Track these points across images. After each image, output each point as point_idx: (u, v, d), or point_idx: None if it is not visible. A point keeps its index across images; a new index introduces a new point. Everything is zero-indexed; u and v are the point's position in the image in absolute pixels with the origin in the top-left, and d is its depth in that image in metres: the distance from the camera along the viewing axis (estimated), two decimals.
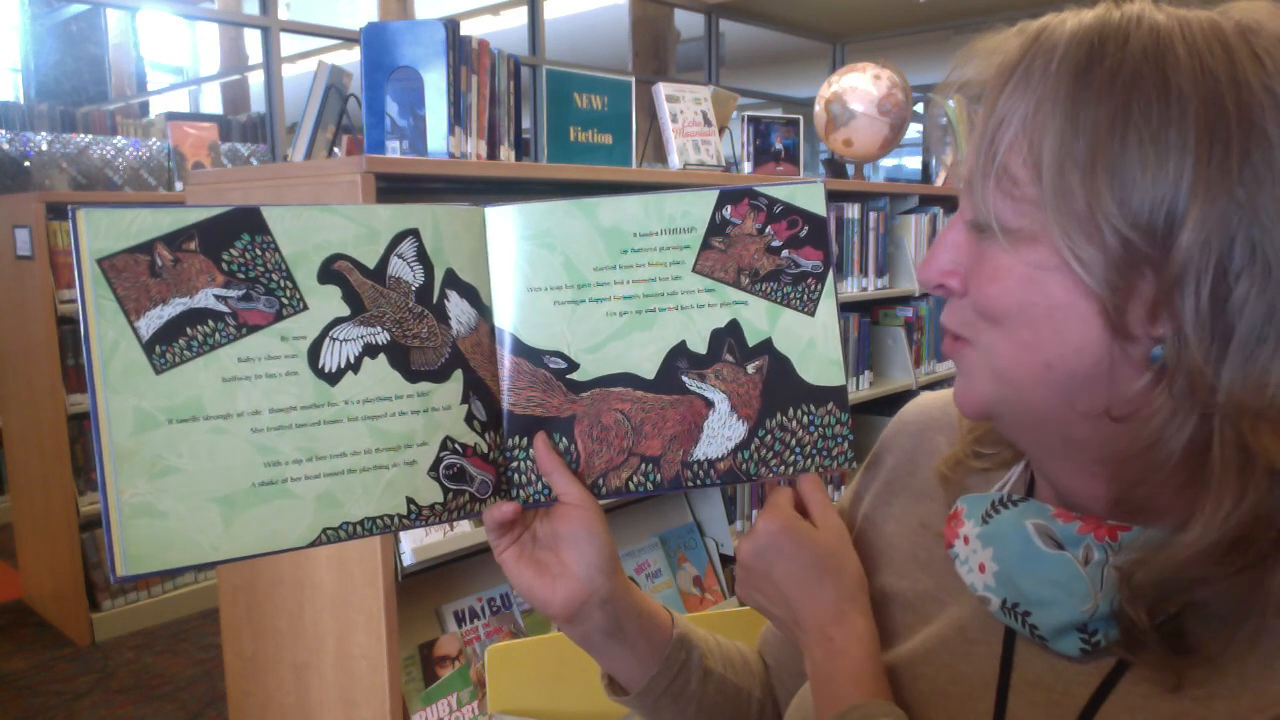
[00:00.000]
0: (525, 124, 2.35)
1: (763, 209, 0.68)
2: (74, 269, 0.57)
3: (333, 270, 0.62)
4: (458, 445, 0.65)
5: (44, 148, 3.78)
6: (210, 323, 0.59)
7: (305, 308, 0.62)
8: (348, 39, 4.71)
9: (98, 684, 3.06)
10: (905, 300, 3.43)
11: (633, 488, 0.68)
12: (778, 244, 0.68)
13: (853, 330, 3.13)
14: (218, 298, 0.60)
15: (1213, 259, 0.48)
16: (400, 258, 0.64)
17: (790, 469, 0.68)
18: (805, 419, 0.68)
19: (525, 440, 0.67)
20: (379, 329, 0.63)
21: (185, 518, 0.58)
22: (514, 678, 1.24)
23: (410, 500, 0.64)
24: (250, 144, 4.49)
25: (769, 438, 0.68)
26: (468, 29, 2.09)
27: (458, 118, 2.04)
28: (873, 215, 3.20)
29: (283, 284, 0.61)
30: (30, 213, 3.18)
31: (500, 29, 9.30)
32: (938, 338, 3.49)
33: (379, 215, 0.64)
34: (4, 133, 3.82)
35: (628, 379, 0.68)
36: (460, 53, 2.04)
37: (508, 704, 1.23)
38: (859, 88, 3.20)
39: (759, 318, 0.68)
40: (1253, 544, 0.50)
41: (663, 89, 2.76)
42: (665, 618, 0.76)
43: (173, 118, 4.26)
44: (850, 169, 3.49)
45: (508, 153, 2.23)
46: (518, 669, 1.24)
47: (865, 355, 3.22)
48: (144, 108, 8.58)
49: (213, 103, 10.06)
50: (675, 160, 2.72)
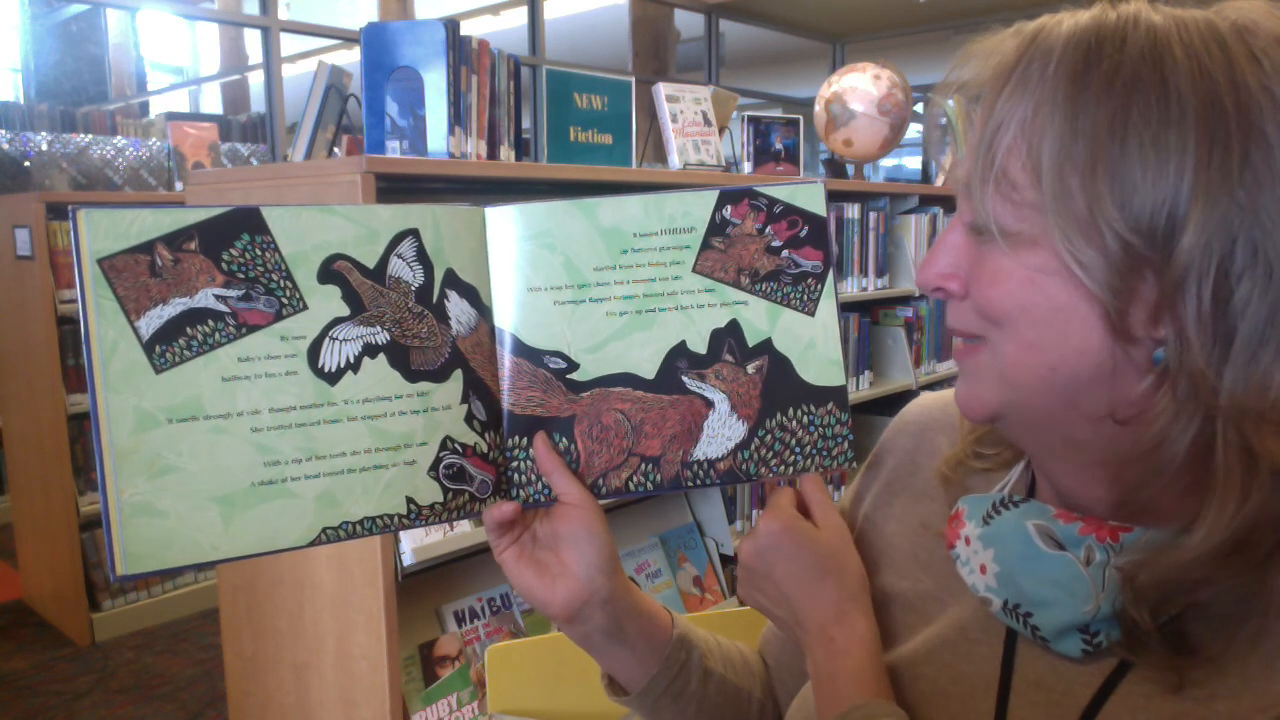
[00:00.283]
0: (525, 124, 2.35)
1: (763, 209, 0.68)
2: (74, 269, 0.57)
3: (332, 270, 0.62)
4: (457, 445, 0.65)
5: (44, 148, 3.78)
6: (210, 322, 0.59)
7: (305, 307, 0.62)
8: (348, 39, 4.70)
9: (98, 684, 3.06)
10: (905, 300, 3.43)
11: (633, 488, 0.68)
12: (778, 244, 0.68)
13: (853, 330, 3.12)
14: (218, 297, 0.60)
15: (1214, 261, 0.48)
16: (400, 258, 0.64)
17: (790, 469, 0.68)
18: (805, 419, 0.68)
19: (525, 440, 0.67)
20: (379, 329, 0.63)
21: (185, 517, 0.58)
22: (514, 678, 1.24)
23: (410, 500, 0.64)
24: (250, 144, 4.49)
25: (769, 438, 0.68)
26: (468, 29, 2.09)
27: (458, 118, 2.04)
28: (873, 215, 3.20)
29: (282, 284, 0.61)
30: (30, 213, 3.18)
31: (500, 29, 9.30)
32: (938, 338, 3.49)
33: (379, 215, 0.64)
34: (4, 133, 3.82)
35: (628, 379, 0.68)
36: (460, 53, 2.04)
37: (508, 704, 1.23)
38: (859, 88, 3.20)
39: (759, 318, 0.68)
40: (1256, 545, 0.50)
41: (663, 89, 2.76)
42: (665, 618, 0.76)
43: (173, 118, 4.26)
44: (850, 169, 3.48)
45: (508, 153, 2.23)
46: (518, 669, 1.24)
47: (865, 355, 3.21)
48: (144, 108, 8.58)
49: (213, 103, 10.06)
50: (675, 160, 2.72)
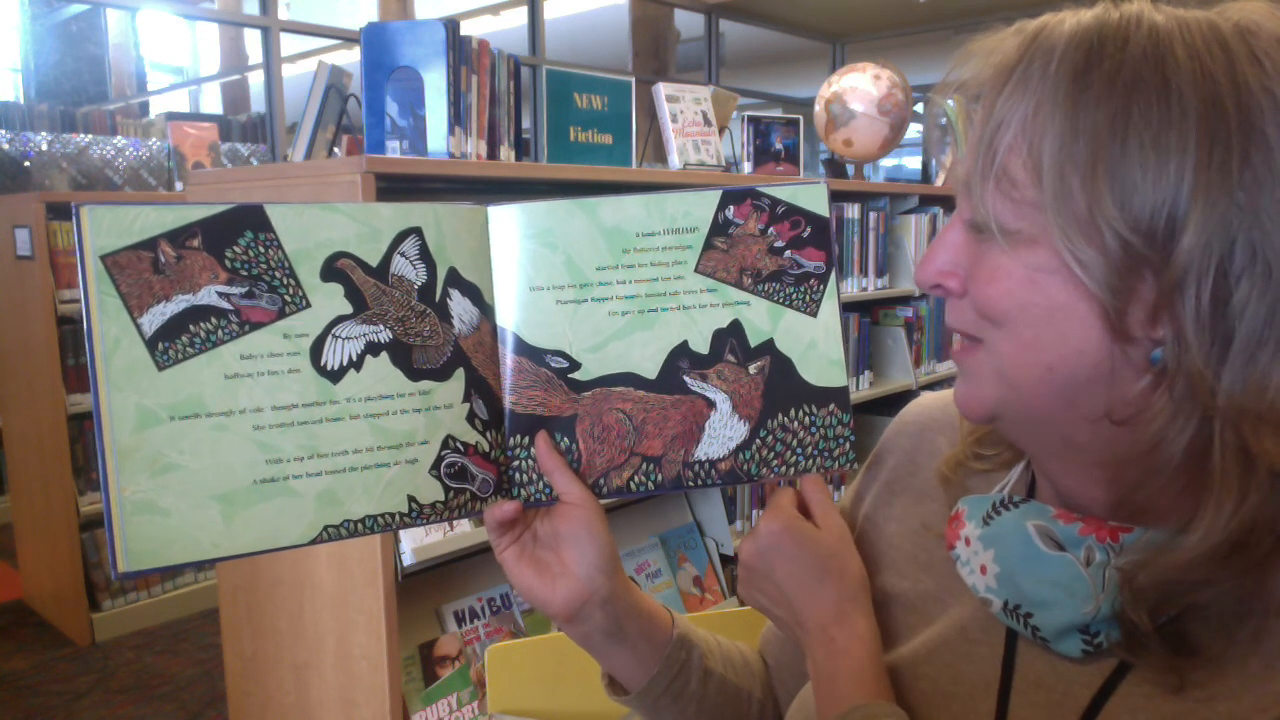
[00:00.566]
0: (525, 124, 2.35)
1: (765, 209, 0.68)
2: (77, 266, 0.57)
3: (335, 268, 0.62)
4: (459, 444, 0.65)
5: (44, 148, 3.78)
6: (213, 320, 0.59)
7: (308, 305, 0.62)
8: (348, 39, 4.70)
9: (98, 684, 3.06)
10: (905, 300, 3.43)
11: (634, 487, 0.68)
12: (780, 244, 0.68)
13: (853, 330, 3.13)
14: (220, 295, 0.60)
15: (1213, 262, 0.48)
16: (403, 256, 0.64)
17: (791, 469, 0.68)
18: (807, 420, 0.68)
19: (527, 439, 0.67)
20: (381, 327, 0.63)
21: (186, 515, 0.58)
22: (514, 678, 1.24)
23: (411, 499, 0.64)
24: (250, 144, 4.49)
25: (770, 438, 0.68)
26: (468, 29, 2.09)
27: (458, 118, 2.04)
28: (873, 215, 3.20)
29: (285, 281, 0.61)
30: (30, 213, 3.18)
31: (500, 29, 9.30)
32: (938, 338, 3.49)
33: (381, 214, 0.64)
34: (4, 133, 3.82)
35: (629, 379, 0.68)
36: (460, 53, 2.04)
37: (508, 704, 1.23)
38: (859, 88, 3.20)
39: (761, 318, 0.68)
40: (1254, 546, 0.50)
41: (663, 89, 2.76)
42: (665, 618, 0.76)
43: (173, 118, 4.26)
44: (850, 169, 3.49)
45: (508, 153, 2.23)
46: (518, 669, 1.24)
47: (865, 355, 3.22)
48: (144, 108, 8.58)
49: (213, 103, 10.06)
50: (675, 160, 2.72)
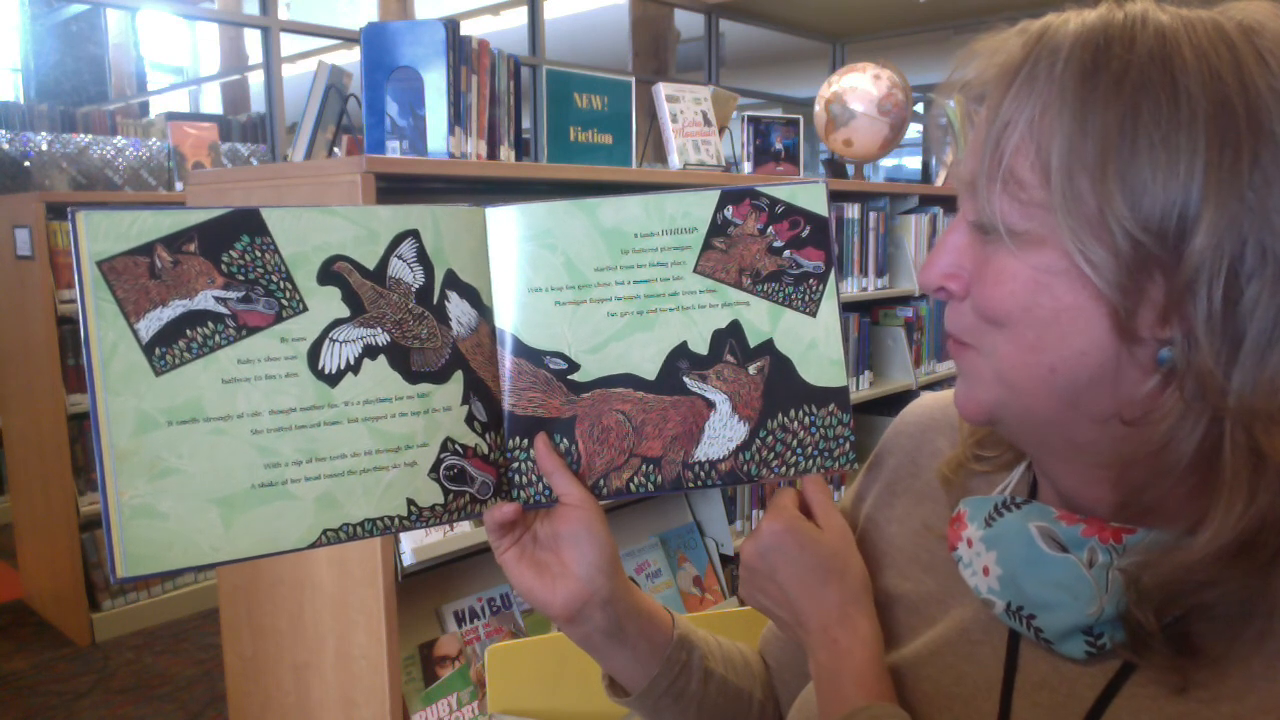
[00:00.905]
0: (525, 124, 2.35)
1: (764, 209, 0.68)
2: (74, 271, 0.57)
3: (332, 271, 0.62)
4: (458, 446, 0.65)
5: (44, 148, 3.78)
6: (210, 324, 0.59)
7: (305, 309, 0.61)
8: (348, 39, 4.70)
9: (98, 684, 3.06)
10: (905, 300, 3.42)
11: (634, 488, 0.68)
12: (779, 244, 0.68)
13: (853, 330, 3.12)
14: (217, 299, 0.59)
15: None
16: (400, 259, 0.64)
17: (792, 470, 0.68)
18: (807, 420, 0.68)
19: (526, 441, 0.67)
20: (379, 330, 0.63)
21: (185, 519, 0.58)
22: (514, 678, 1.24)
23: (410, 501, 0.63)
24: (250, 144, 4.49)
25: (770, 439, 0.68)
26: (468, 29, 2.09)
27: (458, 118, 2.04)
28: (873, 215, 3.20)
29: (282, 285, 0.61)
30: (30, 213, 3.18)
31: (500, 29, 9.29)
32: (938, 338, 3.49)
33: (379, 216, 0.63)
34: (4, 133, 3.82)
35: (629, 379, 0.67)
36: (460, 53, 2.03)
37: (508, 704, 1.23)
38: (859, 88, 3.20)
39: (760, 318, 0.68)
40: (1262, 547, 0.50)
41: (663, 89, 2.76)
42: (666, 618, 0.76)
43: (173, 118, 4.26)
44: (850, 169, 3.48)
45: (508, 153, 2.23)
46: (518, 669, 1.24)
47: (865, 355, 3.21)
48: (144, 108, 8.58)
49: (213, 103, 10.06)
50: (675, 160, 2.72)
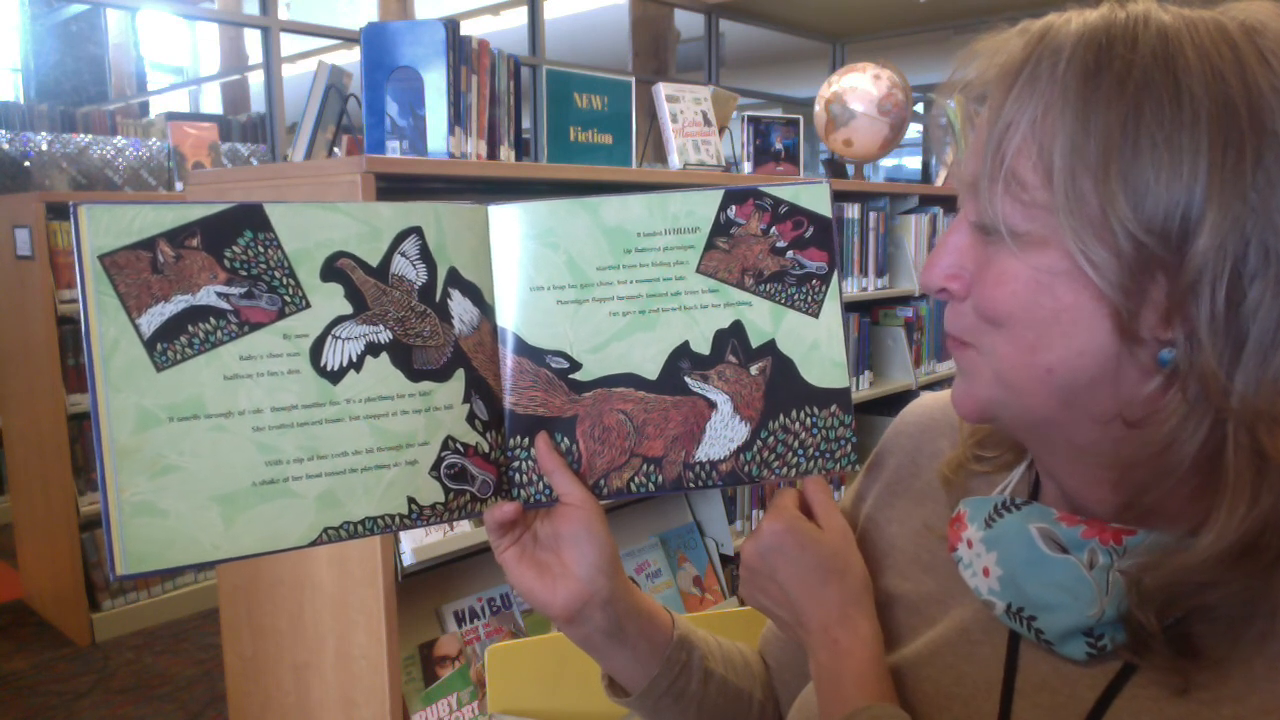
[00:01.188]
0: (525, 124, 2.35)
1: (768, 209, 0.68)
2: (75, 266, 0.56)
3: (335, 268, 0.62)
4: (459, 445, 0.65)
5: (44, 148, 3.78)
6: (212, 320, 0.59)
7: (307, 306, 0.61)
8: (348, 39, 4.70)
9: (98, 684, 3.06)
10: (905, 300, 3.42)
11: (634, 488, 0.68)
12: (782, 245, 0.68)
13: (853, 330, 3.12)
14: (220, 295, 0.59)
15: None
16: (403, 256, 0.64)
17: (793, 471, 0.68)
18: (808, 421, 0.68)
19: (527, 440, 0.67)
20: (381, 327, 0.63)
21: (186, 516, 0.58)
22: (514, 678, 1.24)
23: (411, 500, 0.63)
24: (250, 144, 4.49)
25: (771, 439, 0.68)
26: (468, 29, 2.09)
27: (458, 118, 2.04)
28: (873, 215, 3.20)
29: (285, 282, 0.61)
30: (30, 213, 3.18)
31: (500, 29, 9.29)
32: (938, 338, 3.49)
33: (382, 213, 0.63)
34: (4, 133, 3.82)
35: (630, 379, 0.67)
36: (460, 53, 2.03)
37: (508, 704, 1.23)
38: (859, 88, 3.20)
39: (763, 319, 0.68)
40: (1264, 549, 0.50)
41: (663, 89, 2.76)
42: (666, 619, 0.75)
43: (173, 118, 4.26)
44: (850, 169, 3.48)
45: (508, 153, 2.23)
46: (518, 669, 1.24)
47: (865, 355, 3.21)
48: (144, 108, 8.58)
49: (213, 103, 10.06)
50: (675, 160, 2.72)
